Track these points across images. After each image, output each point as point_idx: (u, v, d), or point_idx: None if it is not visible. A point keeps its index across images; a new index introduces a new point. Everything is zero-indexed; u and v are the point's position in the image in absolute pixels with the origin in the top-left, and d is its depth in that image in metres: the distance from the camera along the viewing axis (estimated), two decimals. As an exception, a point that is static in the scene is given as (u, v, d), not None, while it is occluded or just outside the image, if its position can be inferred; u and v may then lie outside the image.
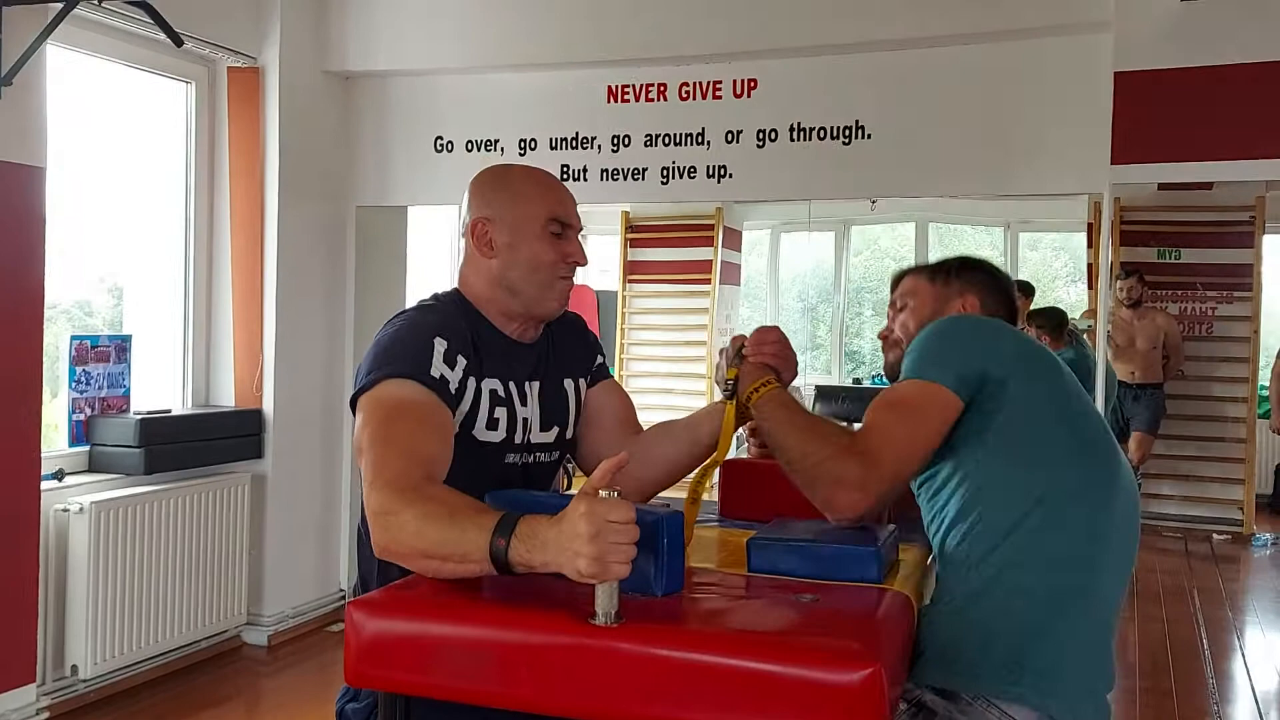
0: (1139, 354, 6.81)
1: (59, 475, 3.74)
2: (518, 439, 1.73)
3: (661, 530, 1.33)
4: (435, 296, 1.78)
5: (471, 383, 1.66)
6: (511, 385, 1.73)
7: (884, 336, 1.90)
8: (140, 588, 3.85)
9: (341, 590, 4.87)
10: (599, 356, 1.93)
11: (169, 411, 4.17)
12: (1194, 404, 7.25)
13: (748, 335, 1.80)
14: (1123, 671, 4.28)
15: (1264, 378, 7.35)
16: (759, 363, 1.74)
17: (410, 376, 1.58)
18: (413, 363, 1.59)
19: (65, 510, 3.66)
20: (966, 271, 1.86)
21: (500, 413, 1.70)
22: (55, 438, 3.90)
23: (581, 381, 1.88)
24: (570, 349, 1.87)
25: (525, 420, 1.74)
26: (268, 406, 4.46)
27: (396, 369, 1.59)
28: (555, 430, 1.80)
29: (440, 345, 1.62)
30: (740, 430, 1.79)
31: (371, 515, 1.44)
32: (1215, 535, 7.00)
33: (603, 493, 1.26)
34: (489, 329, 1.73)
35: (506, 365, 1.73)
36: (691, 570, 1.50)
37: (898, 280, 1.93)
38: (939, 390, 1.55)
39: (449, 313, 1.70)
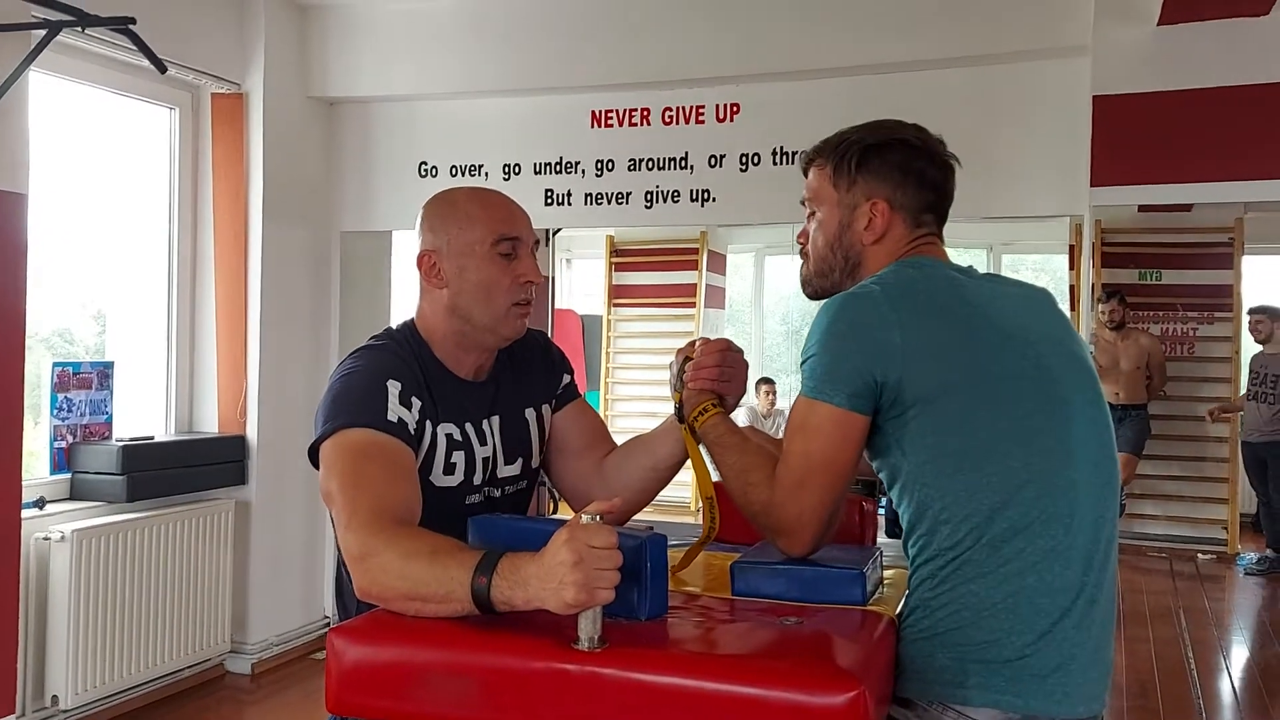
0: (1123, 375, 6.85)
1: (40, 503, 3.71)
2: (477, 480, 1.70)
3: (644, 554, 1.32)
4: (388, 333, 1.74)
5: (428, 426, 1.64)
6: (468, 426, 1.70)
7: (801, 242, 1.70)
8: (122, 616, 3.81)
9: (326, 617, 4.83)
10: (565, 376, 1.88)
11: (152, 438, 4.15)
12: (1177, 424, 7.29)
13: (698, 345, 1.71)
14: (1110, 692, 4.27)
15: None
16: (698, 389, 1.67)
17: (368, 425, 1.56)
18: (369, 410, 1.57)
19: (46, 538, 3.63)
20: (871, 161, 1.59)
21: (458, 456, 1.67)
22: (36, 465, 3.87)
23: (545, 408, 1.84)
24: (531, 375, 1.82)
25: (486, 460, 1.72)
26: (251, 433, 4.44)
27: (353, 418, 1.56)
28: (520, 462, 1.78)
29: (394, 387, 1.60)
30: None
31: (350, 559, 1.43)
32: (1200, 555, 7.02)
33: (584, 518, 1.25)
34: (440, 370, 1.70)
35: (460, 407, 1.70)
36: (675, 594, 1.49)
37: (806, 168, 1.68)
38: (834, 413, 1.44)
39: (399, 354, 1.67)
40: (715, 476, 1.69)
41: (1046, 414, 1.44)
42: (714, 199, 4.30)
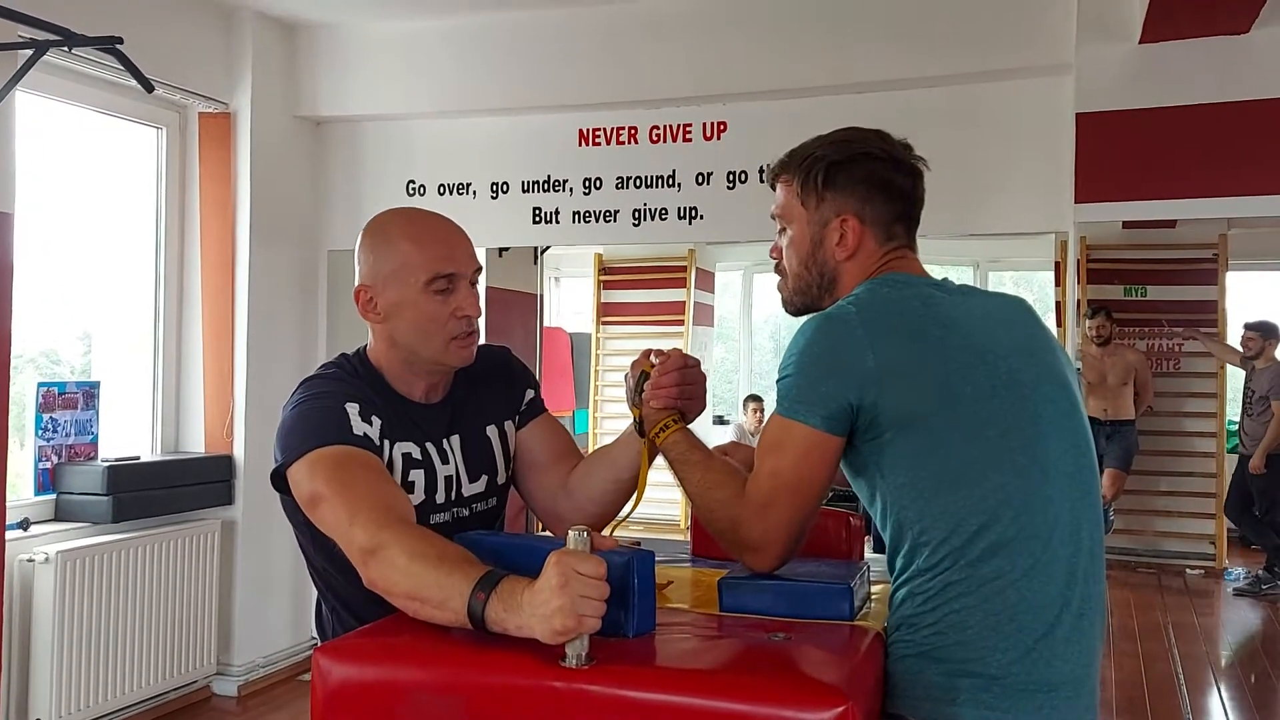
0: (1110, 390, 6.88)
1: (24, 524, 3.68)
2: (440, 499, 1.69)
3: (632, 571, 1.32)
4: (339, 360, 1.73)
5: (386, 445, 1.63)
6: (428, 445, 1.69)
7: (775, 258, 1.71)
8: (107, 638, 3.78)
9: (313, 638, 4.78)
10: (529, 392, 1.86)
11: (138, 458, 4.12)
12: (1164, 439, 7.32)
13: (653, 358, 1.69)
14: (1099, 709, 4.27)
15: (1232, 413, 7.43)
16: (659, 407, 1.65)
17: (338, 442, 1.55)
18: (335, 430, 1.56)
19: (30, 560, 3.60)
20: (838, 178, 1.58)
21: (416, 475, 1.66)
22: (21, 486, 3.85)
23: (508, 424, 1.82)
24: (491, 393, 1.80)
25: (449, 478, 1.71)
26: (238, 452, 4.42)
27: (321, 440, 1.55)
28: (484, 479, 1.77)
29: (353, 407, 1.60)
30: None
31: (360, 553, 1.42)
32: (1188, 570, 7.04)
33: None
34: (393, 394, 1.69)
35: (417, 428, 1.69)
36: (663, 610, 1.49)
37: (773, 183, 1.68)
38: (809, 433, 1.44)
39: (352, 381, 1.66)
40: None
41: (1019, 432, 1.44)
42: (701, 216, 4.31)
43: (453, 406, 1.76)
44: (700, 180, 4.30)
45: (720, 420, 9.04)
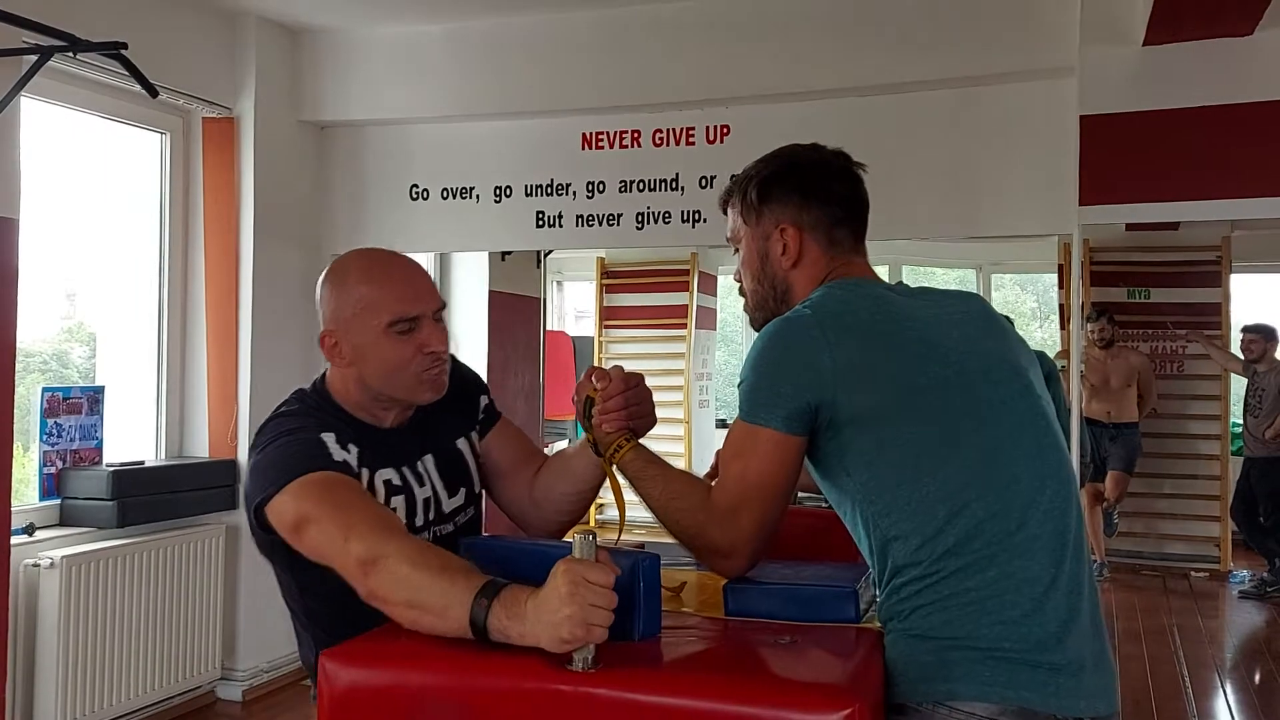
0: (1113, 393, 6.87)
1: (29, 530, 3.69)
2: (419, 521, 1.69)
3: (638, 574, 1.32)
4: (299, 397, 1.72)
5: (366, 472, 1.63)
6: (405, 470, 1.69)
7: (738, 280, 1.75)
8: (112, 643, 3.79)
9: (317, 642, 4.79)
10: (483, 399, 1.86)
11: (142, 463, 4.13)
12: (1168, 442, 7.30)
13: (595, 382, 1.68)
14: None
15: (1235, 414, 7.42)
16: (610, 430, 1.66)
17: (320, 469, 1.55)
18: (314, 459, 1.56)
19: (35, 565, 3.60)
20: (772, 190, 1.67)
21: (397, 501, 1.66)
22: (26, 492, 3.85)
23: (473, 434, 1.83)
24: (452, 407, 1.79)
25: (428, 500, 1.71)
26: (242, 457, 4.41)
27: (302, 469, 1.54)
28: (463, 491, 1.78)
29: (329, 436, 1.60)
30: None
31: (358, 565, 1.41)
32: (1193, 573, 7.02)
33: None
34: (361, 425, 1.69)
35: (392, 453, 1.69)
36: (668, 614, 1.49)
37: (725, 209, 1.77)
38: (770, 435, 1.47)
39: (319, 414, 1.66)
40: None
41: (974, 417, 1.47)
42: (705, 220, 4.31)
43: (422, 427, 1.75)
44: (703, 184, 4.29)
45: (723, 424, 9.04)
